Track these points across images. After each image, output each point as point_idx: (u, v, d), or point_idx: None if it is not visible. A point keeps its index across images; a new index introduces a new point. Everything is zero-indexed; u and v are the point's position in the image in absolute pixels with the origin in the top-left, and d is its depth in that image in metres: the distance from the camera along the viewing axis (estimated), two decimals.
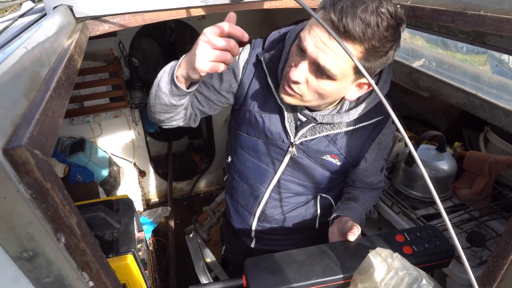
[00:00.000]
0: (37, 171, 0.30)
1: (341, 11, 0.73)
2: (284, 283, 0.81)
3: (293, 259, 0.87)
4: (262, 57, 0.99)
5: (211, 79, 1.05)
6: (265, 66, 0.99)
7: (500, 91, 1.58)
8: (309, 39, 0.79)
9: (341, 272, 0.84)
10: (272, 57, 0.98)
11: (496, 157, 1.47)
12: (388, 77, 0.97)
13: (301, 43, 0.81)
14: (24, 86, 0.37)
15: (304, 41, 0.80)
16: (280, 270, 0.84)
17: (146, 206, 3.14)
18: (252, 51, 1.03)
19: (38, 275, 0.31)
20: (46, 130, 0.35)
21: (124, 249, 1.07)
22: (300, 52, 0.83)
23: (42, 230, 0.30)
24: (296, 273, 0.83)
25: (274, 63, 0.98)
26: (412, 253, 0.88)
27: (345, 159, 1.08)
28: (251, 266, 0.86)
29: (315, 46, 0.78)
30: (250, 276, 0.83)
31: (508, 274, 0.77)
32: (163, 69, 0.94)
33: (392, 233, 0.93)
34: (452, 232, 0.62)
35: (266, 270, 0.84)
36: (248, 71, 1.03)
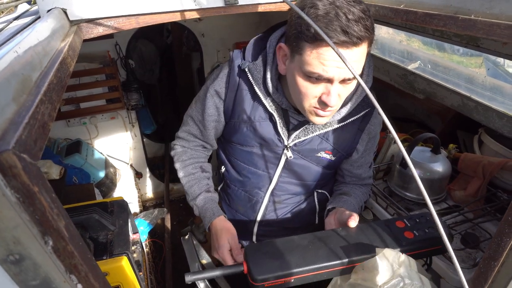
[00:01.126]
0: (24, 175, 0.30)
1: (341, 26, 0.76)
2: (288, 268, 0.78)
3: (296, 245, 0.84)
4: (247, 68, 1.00)
5: (204, 119, 1.13)
6: (251, 76, 1.00)
7: (494, 93, 1.60)
8: (329, 68, 0.81)
9: (345, 256, 0.82)
10: (257, 66, 1.00)
11: (490, 159, 1.48)
12: (370, 70, 1.00)
13: (322, 76, 0.83)
14: (13, 90, 0.38)
15: (327, 73, 0.82)
16: (282, 255, 0.81)
17: (143, 208, 3.13)
18: (232, 63, 1.05)
19: (24, 278, 0.31)
20: (35, 134, 0.35)
21: (118, 251, 1.07)
22: (317, 79, 0.85)
23: (28, 233, 0.30)
24: (300, 258, 0.80)
25: (259, 71, 1.00)
26: (414, 237, 0.88)
27: (339, 153, 1.11)
28: (252, 251, 0.82)
29: (338, 68, 0.81)
30: (251, 261, 0.80)
31: (499, 276, 0.77)
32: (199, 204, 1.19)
33: (392, 220, 0.93)
34: (443, 233, 0.63)
35: (268, 255, 0.81)
36: (232, 84, 1.05)
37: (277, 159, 1.11)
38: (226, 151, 1.21)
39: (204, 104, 1.10)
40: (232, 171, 1.22)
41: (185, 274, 0.83)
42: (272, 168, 1.13)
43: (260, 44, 1.03)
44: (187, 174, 1.20)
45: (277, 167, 1.12)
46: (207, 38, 2.87)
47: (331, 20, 0.76)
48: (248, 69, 1.00)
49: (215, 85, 1.07)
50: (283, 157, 1.09)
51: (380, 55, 2.14)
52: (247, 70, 1.01)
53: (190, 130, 1.20)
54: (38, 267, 0.32)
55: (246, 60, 1.02)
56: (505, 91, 1.62)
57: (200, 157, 1.24)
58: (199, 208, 1.16)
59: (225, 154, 1.24)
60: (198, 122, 1.16)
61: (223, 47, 2.93)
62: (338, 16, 0.76)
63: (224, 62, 1.11)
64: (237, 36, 2.87)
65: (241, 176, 1.20)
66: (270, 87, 0.98)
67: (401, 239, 0.87)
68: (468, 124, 1.72)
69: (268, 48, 0.99)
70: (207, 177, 1.21)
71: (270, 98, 1.01)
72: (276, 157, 1.10)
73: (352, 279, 0.86)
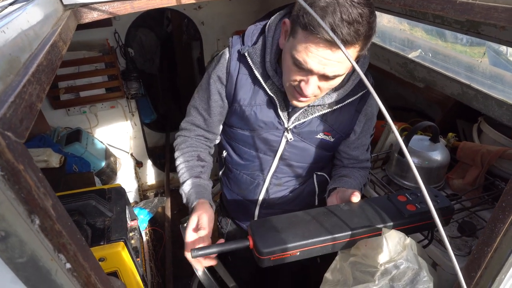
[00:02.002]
0: (9, 153, 0.30)
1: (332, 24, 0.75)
2: (293, 241, 0.79)
3: (300, 219, 0.85)
4: (246, 52, 1.02)
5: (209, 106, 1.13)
6: (251, 60, 1.02)
7: (494, 81, 1.58)
8: (311, 60, 0.82)
9: (350, 229, 0.82)
10: (256, 50, 1.01)
11: (488, 147, 1.47)
12: (366, 60, 1.02)
13: (303, 65, 0.84)
14: (0, 69, 0.37)
15: (307, 64, 0.83)
16: (287, 229, 0.81)
17: (143, 197, 3.15)
18: (231, 49, 1.06)
19: (11, 255, 0.32)
20: (21, 113, 0.35)
21: (115, 236, 1.08)
22: (301, 68, 0.86)
23: (13, 211, 0.30)
24: (304, 231, 0.81)
25: (259, 55, 1.01)
26: (416, 210, 0.89)
27: (337, 134, 1.12)
28: (257, 227, 0.83)
29: (319, 64, 0.83)
30: (256, 236, 0.80)
31: (492, 261, 0.77)
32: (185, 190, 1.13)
33: (394, 195, 0.94)
34: (438, 222, 0.63)
35: (273, 230, 0.81)
36: (232, 69, 1.06)
37: (278, 142, 1.12)
38: (228, 135, 1.22)
39: (208, 91, 1.11)
40: (234, 155, 1.23)
41: (191, 249, 0.82)
42: (273, 151, 1.14)
43: (259, 29, 1.04)
44: (182, 162, 1.18)
45: (278, 149, 1.14)
46: (207, 26, 2.84)
47: (325, 15, 0.76)
48: (247, 53, 1.02)
49: (216, 71, 1.08)
50: (283, 139, 1.11)
51: (381, 43, 2.12)
52: (246, 54, 1.02)
53: (193, 121, 1.20)
54: (24, 244, 0.32)
55: (246, 45, 1.04)
56: (505, 79, 1.61)
57: (200, 147, 1.23)
58: (186, 194, 1.11)
59: (226, 139, 1.25)
60: (202, 111, 1.16)
61: (223, 35, 2.91)
62: (334, 14, 0.75)
63: (224, 48, 1.11)
64: (237, 24, 2.85)
65: (242, 159, 1.21)
66: (270, 70, 1.00)
67: (404, 211, 0.88)
68: (468, 113, 1.71)
69: (267, 32, 1.00)
70: (202, 165, 1.19)
71: (270, 81, 1.02)
72: (277, 140, 1.12)
73: (352, 256, 0.87)
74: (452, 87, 1.65)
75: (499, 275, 0.76)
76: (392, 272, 0.89)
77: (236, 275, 1.76)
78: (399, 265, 0.89)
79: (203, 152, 1.23)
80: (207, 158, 1.24)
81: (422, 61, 1.83)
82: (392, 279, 0.91)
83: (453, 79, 1.63)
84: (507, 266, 0.75)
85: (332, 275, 1.00)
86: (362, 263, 0.89)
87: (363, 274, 0.89)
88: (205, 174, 1.18)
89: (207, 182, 1.17)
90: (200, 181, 1.13)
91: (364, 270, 0.89)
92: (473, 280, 0.81)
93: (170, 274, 2.37)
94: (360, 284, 0.89)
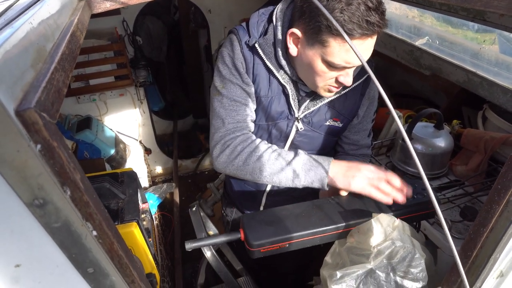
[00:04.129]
0: (45, 131, 0.34)
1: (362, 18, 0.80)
2: (282, 233, 0.84)
3: (289, 213, 0.90)
4: (257, 43, 1.00)
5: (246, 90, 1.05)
6: (262, 52, 1.01)
7: (500, 68, 1.58)
8: (354, 59, 0.88)
9: (339, 221, 0.88)
10: (267, 41, 1.01)
11: (492, 134, 1.49)
12: None
13: (346, 65, 0.90)
14: (31, 58, 0.41)
15: (351, 63, 0.89)
16: (277, 222, 0.87)
17: (152, 183, 3.22)
18: (241, 41, 1.03)
19: (48, 220, 0.36)
20: (52, 97, 0.39)
21: (128, 217, 1.14)
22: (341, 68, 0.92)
23: (50, 181, 0.34)
24: (294, 224, 0.86)
25: (270, 45, 1.01)
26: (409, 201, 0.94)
27: (345, 118, 1.15)
28: (248, 220, 0.88)
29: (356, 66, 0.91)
30: (247, 228, 0.85)
31: (488, 241, 0.81)
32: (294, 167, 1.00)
33: None
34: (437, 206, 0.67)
35: (263, 223, 0.86)
36: (248, 60, 1.03)
37: (288, 132, 1.14)
38: None
39: (239, 75, 1.03)
40: None
41: (185, 241, 0.87)
42: (282, 141, 1.16)
43: (265, 18, 1.04)
44: (268, 160, 1.00)
45: (287, 139, 1.16)
46: (214, 14, 2.85)
47: (353, 13, 0.80)
48: (258, 44, 1.00)
49: (235, 59, 1.03)
50: (294, 129, 1.13)
51: (388, 31, 2.12)
52: (257, 46, 1.00)
53: (228, 127, 1.04)
54: (59, 211, 0.36)
55: (253, 36, 1.02)
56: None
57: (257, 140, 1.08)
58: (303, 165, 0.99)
59: None
60: (240, 100, 1.05)
61: (230, 23, 2.92)
62: (359, 7, 0.80)
63: (227, 40, 1.08)
64: (244, 12, 2.85)
65: None
66: (282, 59, 1.01)
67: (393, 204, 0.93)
68: (474, 101, 1.72)
69: (275, 22, 1.00)
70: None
71: (282, 71, 1.04)
72: (287, 130, 1.14)
73: (348, 242, 0.91)
74: (458, 74, 1.66)
75: (494, 254, 0.80)
76: (385, 252, 0.93)
77: (242, 259, 1.82)
78: (391, 245, 0.94)
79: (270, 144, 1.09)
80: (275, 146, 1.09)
81: (428, 49, 1.83)
82: (387, 257, 0.95)
83: (459, 66, 1.64)
84: (502, 245, 0.79)
85: (331, 258, 1.05)
86: (356, 247, 0.94)
87: (358, 257, 0.94)
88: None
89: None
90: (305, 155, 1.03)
91: (359, 253, 0.94)
92: (469, 259, 0.85)
93: (179, 257, 2.45)
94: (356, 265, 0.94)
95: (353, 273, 0.91)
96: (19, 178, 0.33)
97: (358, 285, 0.94)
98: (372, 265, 0.91)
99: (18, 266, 0.38)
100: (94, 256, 0.41)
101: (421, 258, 0.95)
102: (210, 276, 2.11)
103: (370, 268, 0.92)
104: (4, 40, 0.37)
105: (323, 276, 1.00)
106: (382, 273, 0.94)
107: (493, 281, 0.92)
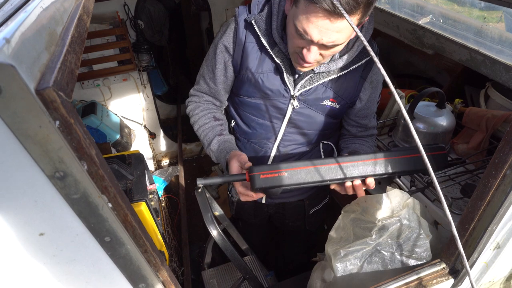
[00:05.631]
0: (63, 108, 0.37)
1: None
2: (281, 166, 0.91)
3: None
4: (253, 20, 1.04)
5: (214, 75, 1.17)
6: (257, 28, 1.05)
7: (504, 46, 1.58)
8: (310, 30, 0.86)
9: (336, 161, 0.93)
10: (263, 18, 1.04)
11: (493, 112, 1.50)
12: (371, 18, 1.03)
13: (304, 35, 0.88)
14: (44, 41, 0.44)
15: (307, 34, 0.87)
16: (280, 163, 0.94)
17: (157, 167, 3.27)
18: (238, 18, 1.09)
19: (68, 191, 0.39)
20: (66, 77, 0.42)
21: (137, 197, 1.17)
22: (304, 37, 0.90)
23: (69, 155, 0.37)
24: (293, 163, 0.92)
25: (265, 22, 1.04)
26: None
27: (343, 100, 1.16)
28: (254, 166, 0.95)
29: (319, 34, 0.86)
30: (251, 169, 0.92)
31: (485, 214, 0.84)
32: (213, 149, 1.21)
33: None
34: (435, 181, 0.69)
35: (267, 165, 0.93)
36: (239, 38, 1.09)
37: (284, 109, 1.16)
38: (235, 104, 1.27)
39: (214, 60, 1.15)
40: (242, 124, 1.28)
41: (197, 178, 0.97)
42: (279, 119, 1.19)
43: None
44: (201, 125, 1.25)
45: (284, 117, 1.18)
46: None
47: None
48: (254, 20, 1.04)
49: (223, 40, 1.12)
50: (290, 107, 1.15)
51: (391, 10, 2.10)
52: (253, 22, 1.04)
53: (200, 89, 1.26)
54: (78, 183, 0.39)
55: (252, 13, 1.06)
56: None
57: (211, 108, 1.29)
58: (214, 152, 1.20)
59: (234, 108, 1.29)
60: (208, 80, 1.21)
61: (232, 5, 2.90)
62: None
63: (230, 18, 1.14)
64: None
65: (250, 128, 1.26)
66: (277, 37, 1.03)
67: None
68: (476, 79, 1.72)
69: (272, 1, 1.03)
70: (220, 123, 1.26)
71: (277, 48, 1.05)
72: (283, 107, 1.15)
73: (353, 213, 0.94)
74: (461, 52, 1.65)
75: (491, 226, 0.83)
76: (389, 228, 0.96)
77: (247, 239, 1.87)
78: (397, 222, 0.96)
79: (217, 112, 1.29)
80: (221, 116, 1.30)
81: (432, 27, 1.82)
82: (391, 235, 0.98)
83: (462, 44, 1.63)
84: (498, 218, 0.82)
85: (336, 233, 1.08)
86: (361, 219, 0.97)
87: (362, 230, 0.96)
88: (225, 130, 1.26)
89: (230, 136, 1.24)
90: (225, 137, 1.21)
91: (363, 226, 0.97)
92: (467, 231, 0.88)
93: (186, 238, 2.51)
94: (359, 239, 0.97)
95: (357, 251, 0.94)
96: (42, 151, 0.35)
97: (363, 263, 0.97)
98: (376, 242, 0.94)
99: (42, 235, 0.41)
100: (110, 225, 0.44)
101: (426, 238, 0.97)
102: (216, 256, 2.17)
103: (375, 247, 0.95)
104: (20, 23, 0.39)
105: (327, 252, 1.04)
106: (386, 253, 0.97)
107: (490, 252, 0.95)
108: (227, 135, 1.24)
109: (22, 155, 0.35)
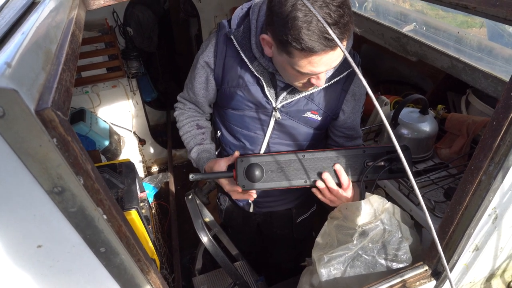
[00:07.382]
0: (61, 127, 0.39)
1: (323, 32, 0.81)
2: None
3: None
4: (233, 36, 1.07)
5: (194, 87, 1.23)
6: (237, 43, 1.07)
7: (483, 53, 1.64)
8: (318, 67, 0.90)
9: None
10: (241, 33, 1.07)
11: (474, 118, 1.56)
12: (350, 40, 1.06)
13: (311, 74, 0.94)
14: (41, 60, 0.46)
15: (316, 72, 0.93)
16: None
17: (147, 173, 3.26)
18: (218, 33, 1.12)
19: (65, 205, 0.41)
20: (63, 96, 0.44)
21: (128, 205, 1.19)
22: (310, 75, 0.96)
23: (67, 170, 0.39)
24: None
25: (244, 37, 1.06)
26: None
27: (325, 113, 1.18)
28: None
29: (326, 66, 0.91)
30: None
31: (463, 218, 0.88)
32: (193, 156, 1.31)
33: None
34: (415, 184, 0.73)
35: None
36: (219, 52, 1.12)
37: (267, 121, 1.19)
38: (221, 116, 1.30)
39: (195, 74, 1.20)
40: (227, 135, 1.31)
41: (189, 174, 1.06)
42: (263, 130, 1.21)
43: (244, 11, 1.09)
44: (184, 132, 1.32)
45: (268, 128, 1.20)
46: (204, 3, 2.86)
47: (313, 31, 0.81)
48: (233, 36, 1.07)
49: (204, 56, 1.15)
50: (272, 118, 1.17)
51: (375, 18, 2.16)
52: (232, 37, 1.07)
53: (184, 96, 1.33)
54: (75, 197, 0.41)
55: (232, 28, 1.09)
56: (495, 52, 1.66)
57: (195, 116, 1.35)
58: (194, 160, 1.28)
59: (220, 120, 1.33)
60: (189, 90, 1.27)
61: (221, 12, 2.93)
62: (318, 24, 0.80)
63: (213, 33, 1.17)
64: (234, 1, 2.87)
65: (235, 139, 1.29)
66: (256, 52, 1.05)
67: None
68: (458, 86, 1.78)
69: (251, 15, 1.05)
70: (202, 132, 1.32)
71: (256, 63, 1.08)
72: (266, 119, 1.18)
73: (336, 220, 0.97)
74: (442, 60, 1.71)
75: (469, 229, 0.87)
76: (370, 233, 0.99)
77: (237, 245, 1.88)
78: (376, 227, 1.00)
79: (201, 120, 1.35)
80: (205, 124, 1.36)
81: (415, 35, 1.88)
82: (371, 240, 1.01)
83: (443, 52, 1.69)
84: (475, 221, 0.86)
85: (322, 239, 1.11)
86: (343, 225, 1.00)
87: (344, 236, 1.00)
88: (207, 139, 1.32)
89: (210, 145, 1.31)
90: (204, 147, 1.28)
91: (345, 232, 1.00)
92: (447, 234, 0.92)
93: (177, 244, 2.52)
94: (342, 245, 1.01)
95: (340, 256, 0.98)
96: (41, 169, 0.37)
97: (346, 268, 1.00)
98: (357, 247, 0.98)
99: (40, 247, 0.43)
100: (105, 236, 0.46)
101: (405, 241, 1.01)
102: (207, 262, 2.18)
103: (356, 251, 0.98)
104: (18, 46, 0.41)
105: (313, 258, 1.07)
106: (368, 256, 1.00)
107: (469, 254, 0.99)
108: (207, 144, 1.30)
109: (23, 172, 0.37)
